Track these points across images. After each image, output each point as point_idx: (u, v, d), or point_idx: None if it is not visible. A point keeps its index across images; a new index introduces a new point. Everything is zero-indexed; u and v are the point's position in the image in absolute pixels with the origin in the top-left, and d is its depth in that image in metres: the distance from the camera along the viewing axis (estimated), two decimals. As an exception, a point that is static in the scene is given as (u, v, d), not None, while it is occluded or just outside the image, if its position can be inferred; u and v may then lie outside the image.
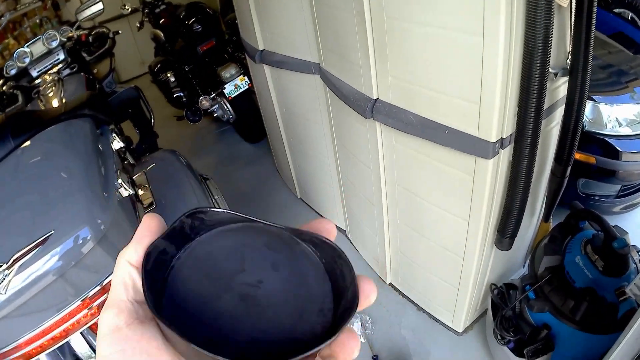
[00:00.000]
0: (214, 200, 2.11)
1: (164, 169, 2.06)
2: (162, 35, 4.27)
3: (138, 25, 4.49)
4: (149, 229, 0.35)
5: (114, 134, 1.93)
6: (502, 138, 1.36)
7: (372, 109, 1.70)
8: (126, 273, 0.33)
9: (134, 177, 1.94)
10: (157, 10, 4.46)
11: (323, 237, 0.34)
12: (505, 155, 1.43)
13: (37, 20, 6.64)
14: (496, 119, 1.30)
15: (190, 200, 1.93)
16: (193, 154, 4.18)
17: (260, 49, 2.44)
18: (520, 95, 1.27)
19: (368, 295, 0.33)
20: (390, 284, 2.46)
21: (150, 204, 1.85)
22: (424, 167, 1.67)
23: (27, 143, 1.63)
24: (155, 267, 0.33)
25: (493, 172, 1.45)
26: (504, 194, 1.54)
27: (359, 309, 0.32)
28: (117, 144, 1.91)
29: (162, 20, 4.39)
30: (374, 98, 1.70)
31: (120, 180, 1.60)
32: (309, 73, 2.13)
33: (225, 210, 0.35)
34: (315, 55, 2.06)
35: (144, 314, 0.32)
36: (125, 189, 1.61)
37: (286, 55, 2.25)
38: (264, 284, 0.33)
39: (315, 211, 3.08)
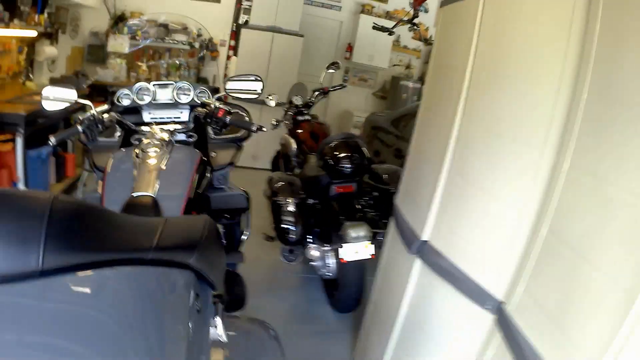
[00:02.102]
0: None
1: (250, 343, 1.62)
2: (295, 146, 4.08)
3: (274, 122, 4.32)
4: None
5: (218, 308, 1.32)
6: None
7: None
8: None
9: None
10: (299, 118, 4.33)
11: None
12: None
13: (177, 62, 6.97)
14: None
15: None
16: (266, 290, 3.69)
17: (423, 239, 2.02)
18: None
19: None
20: None
21: None
22: None
23: (88, 275, 0.98)
24: None
25: None
26: None
27: None
28: (217, 329, 1.29)
29: (300, 131, 4.22)
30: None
31: None
32: (480, 305, 1.66)
33: None
34: (501, 289, 1.60)
35: None
36: None
37: (458, 267, 1.79)
38: None
39: None
